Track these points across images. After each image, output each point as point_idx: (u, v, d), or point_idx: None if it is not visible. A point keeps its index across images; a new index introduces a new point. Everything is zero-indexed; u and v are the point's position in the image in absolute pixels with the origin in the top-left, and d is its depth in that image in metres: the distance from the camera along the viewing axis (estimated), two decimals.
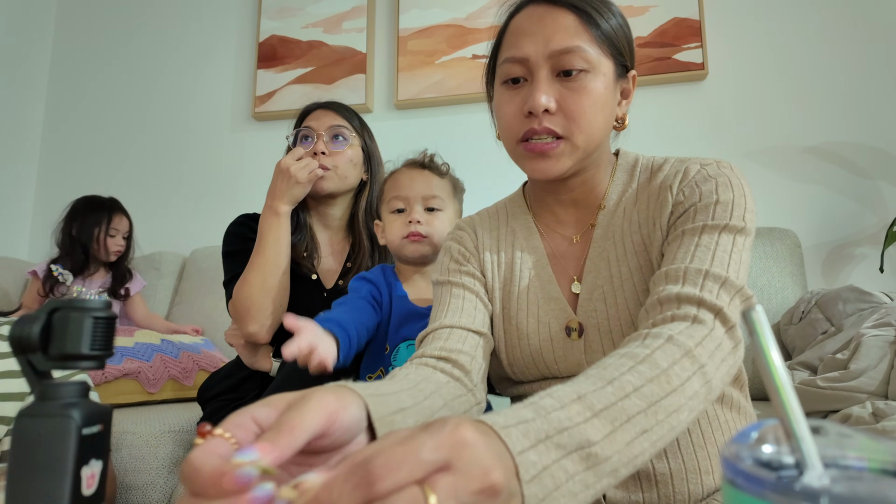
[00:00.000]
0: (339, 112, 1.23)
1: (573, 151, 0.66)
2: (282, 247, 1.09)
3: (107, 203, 2.01)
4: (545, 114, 0.65)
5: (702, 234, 0.61)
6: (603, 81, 0.66)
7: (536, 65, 0.66)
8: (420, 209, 0.98)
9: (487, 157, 2.15)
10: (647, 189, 0.70)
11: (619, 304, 0.67)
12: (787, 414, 0.25)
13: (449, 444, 0.31)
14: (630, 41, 0.71)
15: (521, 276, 0.74)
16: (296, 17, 2.31)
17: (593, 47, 0.65)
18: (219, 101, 2.41)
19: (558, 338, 0.70)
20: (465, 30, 2.12)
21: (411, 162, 1.05)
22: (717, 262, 0.58)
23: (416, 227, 0.97)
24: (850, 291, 1.41)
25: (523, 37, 0.67)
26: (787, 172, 1.80)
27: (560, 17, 0.65)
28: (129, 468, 1.13)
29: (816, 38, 1.85)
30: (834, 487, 0.23)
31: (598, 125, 0.66)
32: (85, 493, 0.38)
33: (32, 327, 0.40)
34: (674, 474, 0.63)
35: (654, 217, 0.67)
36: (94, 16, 2.62)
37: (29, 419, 0.38)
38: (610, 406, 0.41)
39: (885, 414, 1.03)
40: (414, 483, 0.29)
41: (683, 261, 0.59)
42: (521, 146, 0.68)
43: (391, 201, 1.00)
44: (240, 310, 1.07)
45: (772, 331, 0.27)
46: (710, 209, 0.62)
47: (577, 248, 0.74)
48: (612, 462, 0.39)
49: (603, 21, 0.66)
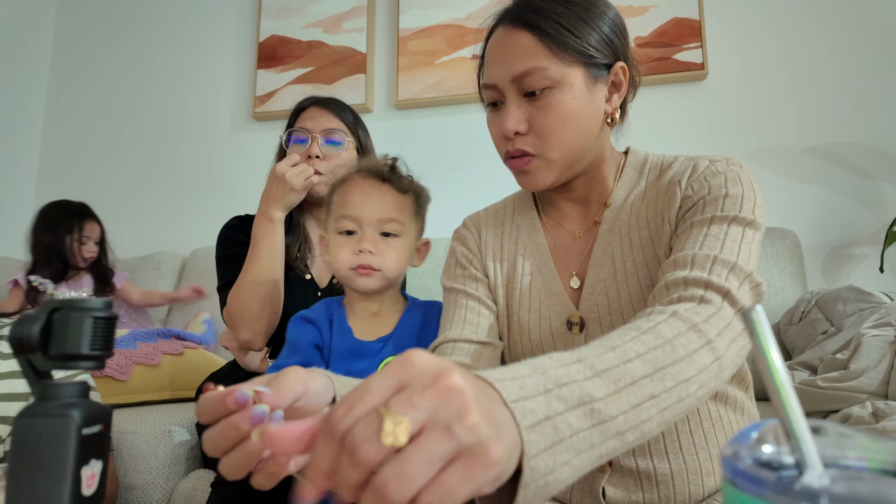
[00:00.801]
0: (334, 111, 1.21)
1: (549, 165, 0.68)
2: (275, 254, 1.08)
3: (77, 209, 2.00)
4: (517, 136, 0.68)
5: (711, 225, 0.60)
6: (571, 93, 0.66)
7: (504, 89, 0.68)
8: (373, 234, 0.83)
9: (487, 157, 2.15)
10: (656, 186, 0.70)
11: (622, 299, 0.67)
12: (787, 414, 0.25)
13: (397, 367, 0.31)
14: (611, 38, 0.68)
15: (524, 272, 0.75)
16: (296, 17, 2.31)
17: (554, 63, 0.65)
18: (219, 101, 2.41)
19: (559, 332, 0.70)
20: (465, 30, 2.12)
21: (368, 171, 0.86)
22: (727, 250, 0.57)
23: (368, 259, 0.82)
24: (850, 291, 1.41)
25: (491, 63, 0.69)
26: (787, 172, 1.80)
27: (518, 39, 0.66)
28: (129, 468, 1.13)
29: (816, 38, 1.85)
30: (834, 487, 0.23)
31: (570, 136, 0.67)
32: (85, 494, 0.38)
33: (32, 327, 0.40)
34: (675, 474, 0.63)
35: (663, 212, 0.67)
36: (95, 16, 2.62)
37: (29, 419, 0.38)
38: (612, 368, 0.40)
39: (885, 414, 1.03)
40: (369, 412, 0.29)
41: (692, 248, 0.58)
42: (508, 163, 0.72)
43: (340, 220, 0.84)
44: (234, 317, 1.07)
45: (772, 331, 0.27)
46: (720, 202, 0.62)
47: (580, 243, 0.74)
48: (617, 423, 0.38)
49: (564, 34, 0.65)
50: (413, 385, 0.29)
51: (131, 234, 2.39)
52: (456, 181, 2.04)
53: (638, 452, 0.64)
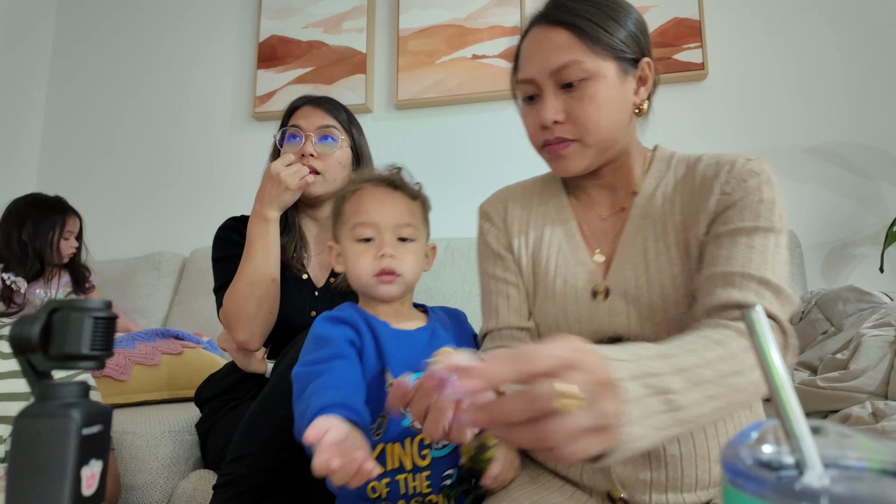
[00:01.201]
0: (328, 110, 1.21)
1: (585, 150, 0.74)
2: (270, 253, 1.08)
3: (56, 204, 1.90)
4: (555, 125, 0.73)
5: (753, 236, 0.66)
6: (605, 84, 0.72)
7: (542, 83, 0.73)
8: (392, 239, 0.82)
9: (487, 157, 2.15)
10: (689, 179, 0.76)
11: (649, 274, 0.73)
12: (787, 414, 0.25)
13: (573, 348, 0.42)
14: (637, 35, 0.75)
15: (552, 241, 0.81)
16: (296, 17, 2.31)
17: (589, 57, 0.71)
18: (219, 102, 2.41)
19: (584, 299, 0.75)
20: (465, 30, 2.12)
21: (379, 179, 0.87)
22: (769, 268, 0.65)
23: (390, 263, 0.81)
24: (850, 291, 1.41)
25: (528, 59, 0.75)
26: (788, 172, 1.80)
27: (554, 36, 0.72)
28: (129, 468, 1.13)
29: (816, 38, 1.85)
30: (834, 487, 0.23)
31: (605, 123, 0.72)
32: (85, 494, 0.38)
33: (32, 327, 0.40)
34: (684, 457, 0.67)
35: (698, 203, 0.72)
36: (95, 16, 2.62)
37: (29, 419, 0.38)
38: (688, 369, 0.49)
39: (885, 414, 1.03)
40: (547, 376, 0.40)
41: (740, 265, 0.65)
42: (543, 151, 0.77)
43: (357, 228, 0.83)
44: (230, 318, 1.07)
45: (772, 331, 0.27)
46: (757, 208, 0.68)
47: (607, 224, 0.80)
48: (685, 412, 0.47)
49: (597, 30, 0.71)
50: (583, 370, 0.41)
51: (131, 234, 2.39)
52: (456, 181, 2.04)
53: None
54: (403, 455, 0.69)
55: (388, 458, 0.69)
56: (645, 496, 0.67)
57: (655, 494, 0.67)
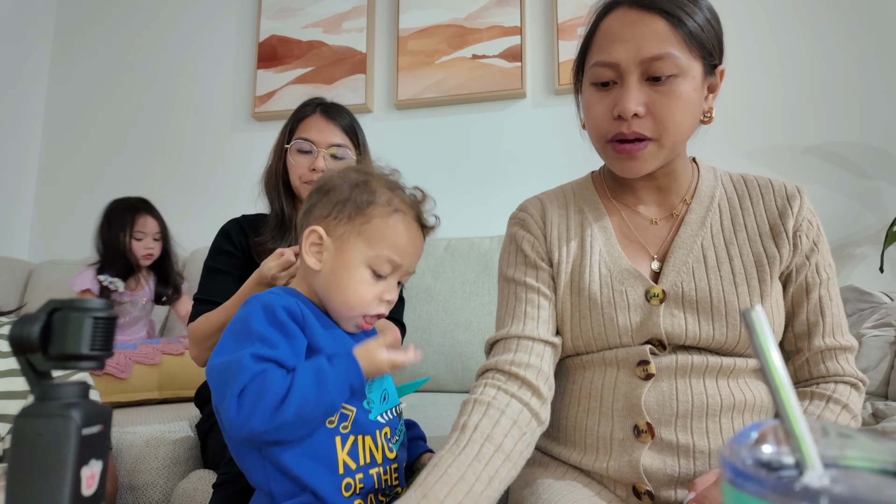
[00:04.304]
0: (338, 123, 1.22)
1: (659, 151, 0.71)
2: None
3: (132, 204, 1.90)
4: (634, 118, 0.68)
5: (829, 288, 0.74)
6: (692, 84, 0.68)
7: (627, 70, 0.68)
8: (397, 283, 0.74)
9: (487, 157, 2.15)
10: (749, 198, 0.77)
11: (710, 279, 0.72)
12: (787, 414, 0.25)
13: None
14: (719, 37, 0.72)
15: (593, 249, 0.77)
16: (296, 17, 2.31)
17: (683, 52, 0.67)
18: (219, 101, 2.41)
19: (636, 304, 0.73)
20: (465, 30, 2.12)
21: (419, 217, 0.74)
22: (845, 330, 0.74)
23: (386, 311, 0.73)
24: (850, 291, 1.41)
25: (615, 42, 0.69)
26: (787, 172, 1.80)
27: (651, 23, 0.67)
28: (129, 468, 1.13)
29: (816, 38, 1.85)
30: (834, 487, 0.23)
31: (685, 126, 0.70)
32: (85, 494, 0.38)
33: (32, 327, 0.40)
34: (712, 452, 0.67)
35: (772, 226, 0.74)
36: (94, 16, 2.62)
37: (29, 419, 0.38)
38: None
39: (885, 414, 1.03)
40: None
41: (826, 333, 0.73)
42: (609, 146, 0.72)
43: (382, 261, 0.70)
44: (193, 339, 1.08)
45: (772, 331, 0.27)
46: (825, 257, 0.74)
47: (659, 228, 0.78)
48: None
49: (692, 22, 0.67)
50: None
51: None
52: (456, 181, 2.04)
53: (680, 428, 0.68)
54: (375, 449, 0.68)
55: (360, 452, 0.67)
56: (670, 491, 0.67)
57: (681, 490, 0.66)
